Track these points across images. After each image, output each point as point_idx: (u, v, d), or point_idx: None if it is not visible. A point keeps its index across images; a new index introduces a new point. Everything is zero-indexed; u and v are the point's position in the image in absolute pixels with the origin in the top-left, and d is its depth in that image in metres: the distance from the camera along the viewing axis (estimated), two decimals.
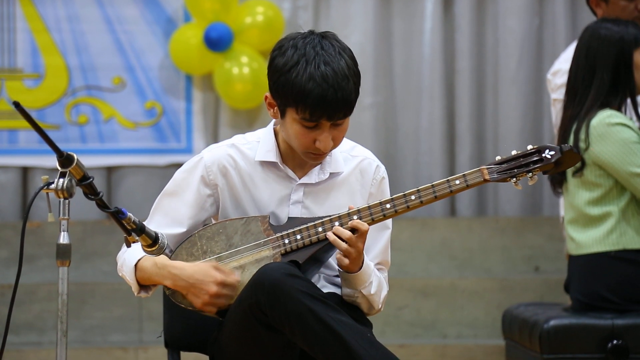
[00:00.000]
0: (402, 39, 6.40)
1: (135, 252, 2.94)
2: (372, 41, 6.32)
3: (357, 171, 3.01)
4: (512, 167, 2.87)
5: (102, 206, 2.52)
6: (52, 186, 2.43)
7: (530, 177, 2.86)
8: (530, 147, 2.88)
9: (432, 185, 2.87)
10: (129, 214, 2.56)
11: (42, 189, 2.44)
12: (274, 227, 2.90)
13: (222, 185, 2.97)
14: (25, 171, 6.28)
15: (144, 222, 2.68)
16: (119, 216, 2.55)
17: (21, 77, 6.26)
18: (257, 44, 6.14)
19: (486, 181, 2.86)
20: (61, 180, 2.43)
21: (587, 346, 4.04)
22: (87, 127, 6.29)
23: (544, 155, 2.86)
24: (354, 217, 2.85)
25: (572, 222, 4.15)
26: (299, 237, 2.86)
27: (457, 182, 2.85)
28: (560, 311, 4.19)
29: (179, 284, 2.86)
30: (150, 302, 5.58)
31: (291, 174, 2.96)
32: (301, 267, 2.84)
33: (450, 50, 6.38)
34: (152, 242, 2.64)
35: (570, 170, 4.10)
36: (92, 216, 5.94)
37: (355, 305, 2.98)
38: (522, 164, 2.86)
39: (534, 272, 5.99)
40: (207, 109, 6.34)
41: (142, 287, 2.97)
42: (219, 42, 6.08)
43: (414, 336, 5.69)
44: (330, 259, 2.97)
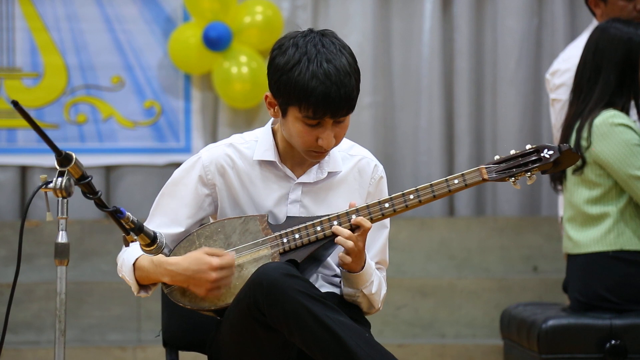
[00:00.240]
0: (401, 39, 6.40)
1: (133, 251, 2.93)
2: (371, 41, 6.32)
3: (355, 170, 3.01)
4: (510, 167, 2.86)
5: (100, 205, 2.52)
6: (51, 185, 2.43)
7: (528, 177, 2.86)
8: (528, 147, 2.88)
9: (431, 184, 2.87)
10: (128, 213, 2.56)
11: (40, 187, 2.44)
12: (273, 226, 2.89)
13: (220, 184, 2.97)
14: (24, 170, 6.28)
15: (143, 222, 2.68)
16: (117, 215, 2.54)
17: (20, 76, 6.26)
18: (256, 43, 6.14)
19: (485, 180, 2.85)
20: (59, 179, 2.43)
21: (585, 346, 4.03)
22: (86, 127, 6.29)
23: (542, 154, 2.85)
24: (353, 217, 2.85)
25: (570, 220, 4.14)
26: (297, 236, 2.86)
27: (456, 181, 2.85)
28: (558, 311, 4.19)
29: (178, 279, 2.85)
30: (148, 302, 5.57)
31: (289, 173, 2.96)
32: (299, 266, 2.83)
33: (449, 50, 6.38)
34: (151, 241, 2.64)
35: (570, 167, 4.09)
36: (91, 215, 5.93)
37: (354, 304, 2.98)
38: (521, 163, 2.86)
39: (533, 271, 5.99)
40: (206, 108, 6.33)
41: (142, 286, 2.97)
42: (218, 41, 6.08)
43: (413, 336, 5.69)
44: (328, 258, 2.97)
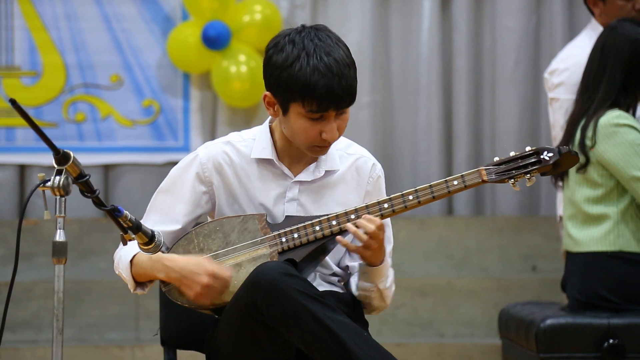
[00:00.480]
0: (399, 38, 6.40)
1: (131, 249, 2.93)
2: (369, 40, 6.32)
3: (353, 169, 3.00)
4: (510, 169, 2.86)
5: (98, 204, 2.51)
6: (49, 184, 2.43)
7: (528, 179, 2.86)
8: (528, 149, 2.88)
9: (430, 185, 2.87)
10: (126, 212, 2.56)
11: (38, 186, 2.44)
12: (271, 226, 2.89)
13: (218, 182, 2.97)
14: (22, 169, 6.27)
15: (141, 220, 2.68)
16: (115, 214, 2.54)
17: (19, 75, 6.25)
18: (255, 42, 6.13)
19: (484, 182, 2.85)
20: (57, 177, 2.43)
21: (583, 345, 4.03)
22: (85, 125, 6.29)
23: (542, 156, 2.85)
24: (351, 217, 2.85)
25: (570, 218, 4.14)
26: (296, 235, 2.86)
27: (455, 182, 2.85)
28: (556, 310, 4.19)
29: (172, 276, 2.85)
30: (147, 300, 5.57)
31: (287, 171, 2.96)
32: (298, 265, 2.83)
33: (447, 49, 6.37)
34: (149, 240, 2.64)
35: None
36: (89, 214, 5.93)
37: (352, 303, 2.98)
38: (520, 165, 2.86)
39: (531, 271, 5.99)
40: (204, 107, 6.33)
41: (138, 284, 2.97)
42: (216, 40, 6.07)
43: (411, 335, 5.69)
44: (327, 257, 2.97)
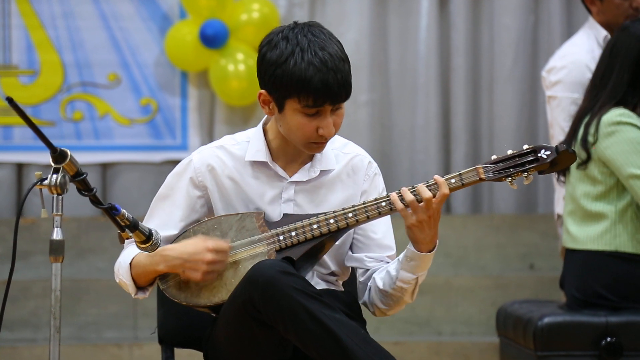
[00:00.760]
0: (397, 37, 6.40)
1: (129, 253, 2.95)
2: (367, 38, 6.32)
3: (348, 168, 3.00)
4: (507, 167, 2.86)
5: (95, 202, 2.51)
6: (46, 182, 2.43)
7: (525, 177, 2.85)
8: (526, 147, 2.87)
9: (428, 183, 2.86)
10: (123, 210, 2.56)
11: (35, 184, 2.44)
12: (269, 224, 2.89)
13: (212, 186, 2.97)
14: (20, 167, 6.27)
15: (139, 220, 2.67)
16: (112, 212, 2.54)
17: (16, 74, 6.25)
18: (252, 40, 6.13)
19: (482, 180, 2.85)
20: (55, 176, 2.43)
21: (581, 343, 4.04)
22: (82, 124, 6.29)
23: (539, 155, 2.85)
24: (349, 215, 2.85)
25: (570, 214, 4.14)
26: (293, 234, 2.86)
27: (453, 180, 2.84)
28: (554, 308, 4.19)
29: (174, 264, 2.85)
30: (145, 299, 5.55)
31: (281, 172, 2.95)
32: (295, 264, 2.83)
33: (445, 47, 6.37)
34: (146, 238, 2.63)
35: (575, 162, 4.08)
36: (87, 213, 5.93)
37: (350, 302, 2.97)
38: (518, 163, 2.85)
39: (529, 269, 5.99)
40: (202, 105, 6.33)
41: (140, 288, 2.97)
42: (214, 38, 6.07)
43: (409, 333, 5.69)
44: (324, 256, 2.96)
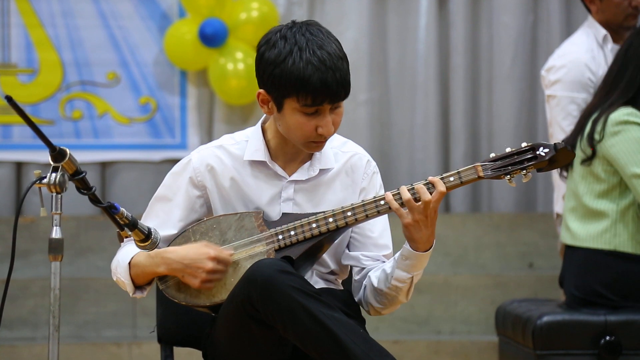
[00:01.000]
0: (396, 36, 6.40)
1: (128, 252, 2.95)
2: (366, 37, 6.32)
3: (347, 166, 3.00)
4: (506, 165, 2.85)
5: (94, 201, 2.51)
6: (45, 181, 2.43)
7: (524, 175, 2.85)
8: (524, 145, 2.87)
9: (427, 181, 2.86)
10: (122, 209, 2.56)
11: (34, 183, 2.44)
12: (268, 223, 2.89)
13: (211, 186, 2.96)
14: (19, 166, 6.27)
15: (138, 219, 2.67)
16: (111, 211, 2.54)
17: (15, 72, 6.25)
18: (252, 39, 6.13)
19: (480, 178, 2.85)
20: (53, 174, 2.43)
21: (580, 342, 4.04)
22: (82, 123, 6.29)
23: (538, 152, 2.84)
24: (348, 214, 2.85)
25: (571, 211, 4.14)
26: (292, 233, 2.86)
27: (452, 179, 2.84)
28: (553, 307, 4.19)
29: (174, 267, 2.85)
30: (143, 298, 5.53)
31: (280, 171, 2.95)
32: (295, 263, 2.83)
33: (444, 46, 6.37)
34: (145, 237, 2.63)
35: (579, 157, 4.09)
36: (86, 211, 5.93)
37: (348, 301, 2.97)
38: (516, 161, 2.85)
39: (528, 268, 5.99)
40: (201, 104, 6.33)
41: (137, 287, 2.97)
42: (213, 37, 6.07)
43: (408, 332, 5.69)
44: (324, 255, 2.96)
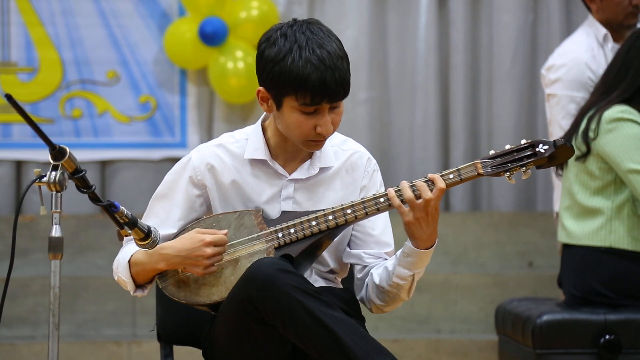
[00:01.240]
0: (396, 35, 6.39)
1: (127, 251, 2.95)
2: (366, 36, 6.32)
3: (347, 165, 3.00)
4: (505, 162, 2.85)
5: (94, 199, 2.51)
6: (44, 179, 2.43)
7: (524, 172, 2.85)
8: (523, 142, 2.87)
9: (427, 179, 2.86)
10: (122, 208, 2.56)
11: (34, 181, 2.44)
12: (268, 221, 2.89)
13: (211, 185, 2.96)
14: (19, 165, 6.27)
15: (138, 217, 2.67)
16: (111, 209, 2.54)
17: (15, 71, 6.25)
18: (251, 38, 6.13)
19: (480, 175, 2.85)
20: (53, 173, 2.42)
21: (579, 341, 4.04)
22: (81, 121, 6.29)
23: (537, 149, 2.85)
24: (348, 211, 2.85)
25: (567, 209, 4.14)
26: (292, 231, 2.86)
27: (451, 176, 2.84)
28: (553, 306, 4.19)
29: (174, 261, 2.85)
30: (144, 297, 5.55)
31: (281, 170, 2.95)
32: (294, 261, 2.83)
33: (444, 45, 6.37)
34: (145, 235, 2.63)
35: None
36: (86, 210, 5.93)
37: (349, 300, 2.97)
38: (516, 158, 2.85)
39: (528, 267, 5.99)
40: (201, 103, 6.33)
41: (138, 286, 2.97)
42: (213, 36, 6.07)
43: (408, 331, 5.69)
44: (323, 253, 2.96)
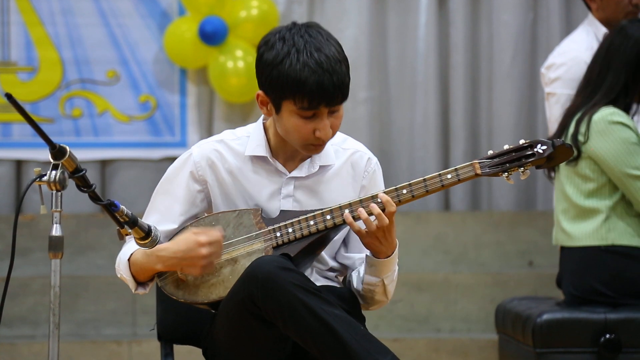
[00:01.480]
0: (396, 34, 6.39)
1: (128, 248, 2.94)
2: (366, 36, 6.32)
3: (348, 164, 3.00)
4: (504, 162, 2.85)
5: (94, 198, 2.51)
6: (45, 178, 2.43)
7: (522, 172, 2.85)
8: (522, 142, 2.87)
9: (424, 179, 2.86)
10: (122, 207, 2.56)
11: (34, 181, 2.44)
12: (266, 220, 2.89)
13: (212, 180, 2.97)
14: (19, 164, 6.27)
15: (138, 216, 2.67)
16: (111, 208, 2.54)
17: (15, 70, 6.25)
18: (251, 37, 6.13)
19: (478, 175, 2.85)
20: (53, 172, 2.43)
21: (579, 340, 4.04)
22: (81, 121, 6.29)
23: (536, 149, 2.84)
24: (346, 211, 2.85)
25: (563, 212, 4.14)
26: (290, 230, 2.86)
27: (449, 176, 2.84)
28: (553, 305, 4.19)
29: (170, 263, 2.85)
30: (144, 296, 5.51)
31: (281, 168, 2.96)
32: (292, 260, 2.83)
33: (444, 45, 6.37)
34: (145, 234, 2.64)
35: None
36: (86, 209, 5.93)
37: (349, 299, 2.98)
38: (514, 158, 2.85)
39: (528, 266, 5.99)
40: (201, 102, 6.33)
41: (140, 284, 2.97)
42: (213, 35, 6.07)
43: (408, 330, 5.69)
44: (322, 252, 2.97)
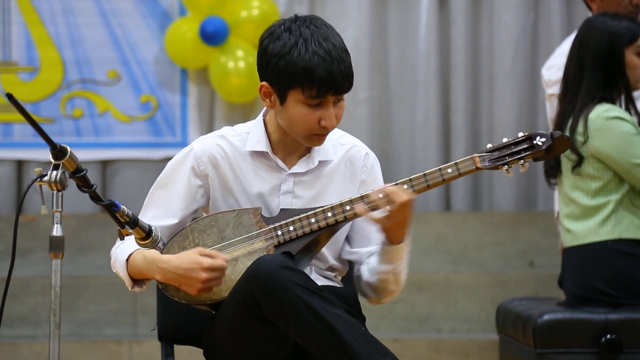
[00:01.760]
0: (397, 34, 6.40)
1: (126, 247, 2.94)
2: (367, 35, 6.32)
3: (346, 159, 3.01)
4: (503, 155, 2.85)
5: (95, 198, 2.51)
6: (45, 178, 2.43)
7: (521, 165, 2.86)
8: (521, 134, 2.87)
9: (424, 174, 2.87)
10: (123, 207, 2.56)
11: (35, 181, 2.44)
12: (266, 219, 2.89)
13: (213, 175, 2.97)
14: (20, 164, 6.27)
15: (138, 214, 2.67)
16: (112, 209, 2.54)
17: (16, 71, 6.25)
18: (252, 37, 6.13)
19: (478, 169, 2.85)
20: (54, 172, 2.43)
21: (580, 341, 4.04)
22: (82, 121, 6.29)
23: (534, 142, 2.85)
24: (346, 208, 2.85)
25: (567, 216, 4.13)
26: (291, 228, 2.86)
27: (450, 170, 2.85)
28: (554, 306, 4.19)
29: (169, 277, 2.85)
30: (144, 296, 5.57)
31: (281, 164, 2.96)
32: (294, 258, 2.83)
33: (445, 45, 6.38)
34: (146, 235, 2.63)
35: (567, 165, 4.08)
36: (87, 209, 5.93)
37: (349, 298, 2.97)
38: (514, 151, 2.85)
39: (529, 266, 5.99)
40: (202, 103, 6.33)
41: (136, 281, 2.97)
42: (214, 36, 6.07)
43: (408, 331, 5.69)
44: (323, 250, 2.96)
